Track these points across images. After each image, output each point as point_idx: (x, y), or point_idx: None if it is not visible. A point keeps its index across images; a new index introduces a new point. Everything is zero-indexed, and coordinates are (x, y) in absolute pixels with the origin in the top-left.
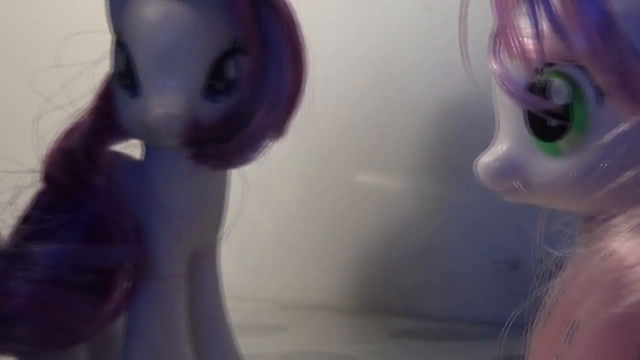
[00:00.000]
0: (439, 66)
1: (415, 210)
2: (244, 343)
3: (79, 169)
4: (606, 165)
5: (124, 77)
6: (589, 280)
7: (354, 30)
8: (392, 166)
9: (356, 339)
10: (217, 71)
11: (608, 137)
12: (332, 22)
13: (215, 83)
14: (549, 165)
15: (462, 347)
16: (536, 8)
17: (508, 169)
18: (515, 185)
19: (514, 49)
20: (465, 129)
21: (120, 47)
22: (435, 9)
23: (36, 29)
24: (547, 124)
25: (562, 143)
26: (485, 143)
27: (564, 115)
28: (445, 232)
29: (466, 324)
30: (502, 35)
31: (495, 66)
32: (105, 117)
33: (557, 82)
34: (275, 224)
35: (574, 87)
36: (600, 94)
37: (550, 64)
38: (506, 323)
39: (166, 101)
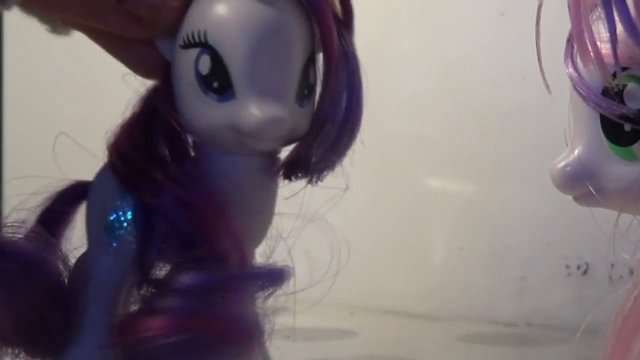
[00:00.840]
0: (511, 70)
1: (486, 214)
2: (314, 347)
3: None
4: None
5: (208, 80)
6: None
7: (426, 34)
8: (463, 170)
9: (425, 344)
10: (303, 76)
11: None
12: (404, 26)
13: (304, 88)
14: (622, 170)
15: (533, 353)
16: (612, 12)
17: (581, 174)
18: (589, 190)
19: (589, 54)
20: (538, 134)
21: (202, 49)
22: (508, 13)
23: None
24: (622, 129)
25: (636, 147)
26: (558, 148)
27: (639, 119)
28: (516, 237)
29: (537, 328)
30: (577, 40)
31: (570, 70)
32: (166, 115)
33: (632, 86)
34: (345, 228)
35: None
36: None
37: (625, 68)
38: (577, 328)
39: (269, 105)
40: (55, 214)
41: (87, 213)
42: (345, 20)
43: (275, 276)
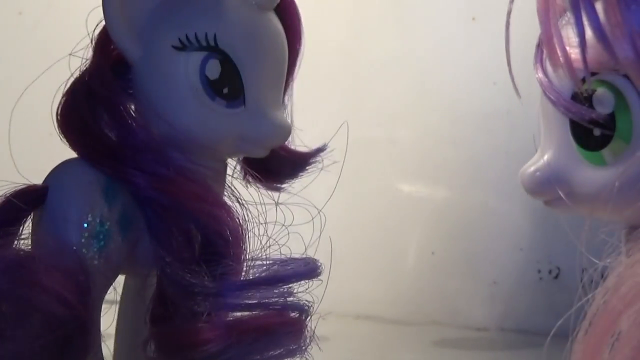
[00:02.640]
0: (482, 75)
1: (458, 219)
2: None
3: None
4: None
5: (217, 85)
6: (633, 289)
7: (397, 39)
8: (435, 175)
9: (398, 349)
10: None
11: None
12: (376, 31)
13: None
14: (592, 175)
15: (505, 357)
16: (581, 17)
17: (551, 179)
18: (559, 194)
19: (559, 58)
20: (510, 138)
21: (210, 53)
22: (479, 18)
23: None
24: (591, 134)
25: (605, 152)
26: (529, 153)
27: (608, 124)
28: (488, 242)
29: (509, 333)
30: (546, 45)
31: (540, 75)
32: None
33: (601, 91)
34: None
35: (618, 96)
36: None
37: (594, 73)
38: (549, 333)
39: (277, 114)
40: (7, 217)
41: (56, 218)
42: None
43: (311, 271)
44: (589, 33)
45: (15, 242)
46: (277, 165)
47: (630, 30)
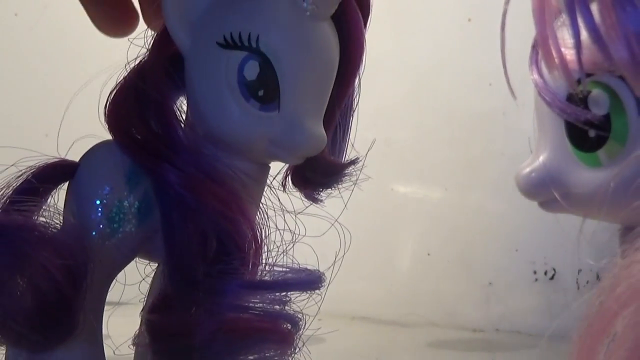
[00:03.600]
0: (478, 76)
1: (453, 220)
2: None
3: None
4: None
5: (253, 87)
6: (628, 290)
7: (394, 40)
8: (431, 176)
9: (393, 350)
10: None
11: None
12: (372, 32)
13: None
14: (587, 176)
15: (501, 358)
16: (576, 18)
17: (547, 180)
18: (554, 195)
19: (554, 60)
20: (505, 140)
21: (250, 54)
22: (475, 19)
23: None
24: (587, 135)
25: (601, 153)
26: (524, 154)
27: (603, 125)
28: (483, 243)
29: (505, 334)
30: (542, 46)
31: (535, 77)
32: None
33: (596, 93)
34: (313, 235)
35: (614, 97)
36: (639, 104)
37: (589, 74)
38: (545, 333)
39: (311, 123)
40: (29, 192)
41: (80, 196)
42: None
43: (313, 281)
44: (584, 34)
45: (37, 213)
46: (315, 175)
47: (626, 31)
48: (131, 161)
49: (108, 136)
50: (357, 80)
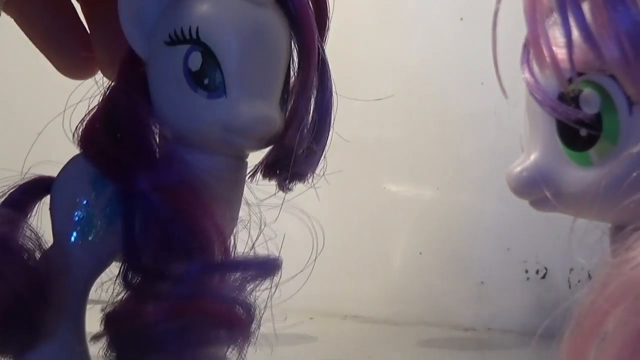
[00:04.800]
0: (470, 75)
1: (445, 219)
2: (274, 353)
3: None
4: (636, 174)
5: (198, 77)
6: (619, 289)
7: (385, 39)
8: (422, 175)
9: (385, 348)
10: (285, 81)
11: (638, 147)
12: (364, 30)
13: (284, 93)
14: (579, 175)
15: (492, 357)
16: (567, 17)
17: (538, 179)
18: (545, 195)
19: (545, 59)
20: (497, 138)
21: (193, 46)
22: (467, 18)
23: None
24: (578, 134)
25: (592, 152)
26: (516, 153)
27: (595, 124)
28: (475, 242)
29: (496, 333)
30: (533, 45)
31: (526, 75)
32: (140, 107)
33: (587, 92)
34: (304, 234)
35: (605, 96)
36: (630, 103)
37: (581, 74)
38: (536, 332)
39: (260, 105)
40: (14, 205)
41: (54, 207)
42: (320, 27)
43: (268, 265)
44: (575, 33)
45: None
46: (286, 166)
47: (617, 30)
48: (94, 169)
49: None
50: (314, 75)
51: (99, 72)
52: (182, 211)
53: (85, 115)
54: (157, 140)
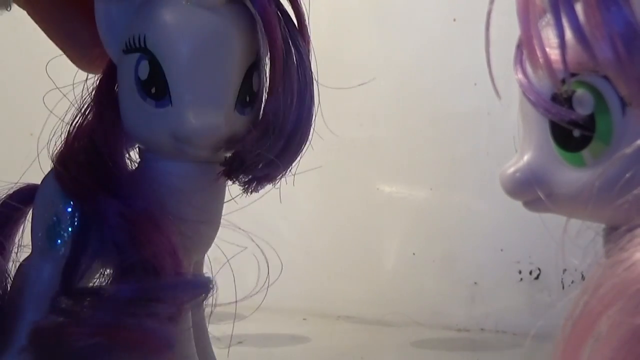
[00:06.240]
0: (463, 76)
1: (438, 220)
2: (267, 353)
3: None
4: (629, 175)
5: (146, 86)
6: (612, 290)
7: (378, 39)
8: (415, 176)
9: (378, 349)
10: (245, 83)
11: (631, 148)
12: (357, 31)
13: (245, 95)
14: (572, 176)
15: (486, 358)
16: (560, 18)
17: (531, 180)
18: (538, 195)
19: (538, 59)
20: (490, 139)
21: (142, 55)
22: (460, 19)
23: None
24: (571, 135)
25: (585, 153)
26: (509, 154)
27: (588, 125)
28: (468, 242)
29: (490, 334)
30: (526, 46)
31: (519, 76)
32: (113, 124)
33: (581, 92)
34: (297, 235)
35: (598, 97)
36: (624, 104)
37: (574, 74)
38: (529, 333)
39: (205, 112)
40: (2, 217)
41: (33, 217)
42: (300, 27)
43: (196, 286)
44: (568, 34)
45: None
46: (251, 169)
47: (610, 31)
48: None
49: None
50: (280, 75)
51: None
52: (135, 235)
53: (65, 134)
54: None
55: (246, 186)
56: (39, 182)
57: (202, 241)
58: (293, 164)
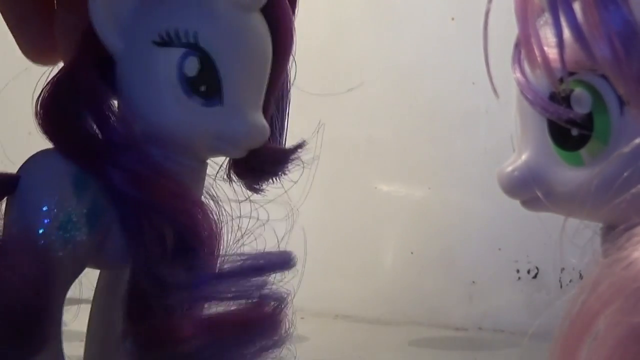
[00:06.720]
0: (461, 75)
1: (436, 219)
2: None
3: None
4: (627, 174)
5: (194, 83)
6: (610, 289)
7: (377, 39)
8: (414, 175)
9: (376, 348)
10: None
11: (629, 147)
12: (356, 30)
13: None
14: (570, 175)
15: (483, 357)
16: (559, 17)
17: (529, 179)
18: (536, 194)
19: (536, 58)
20: (488, 138)
21: (189, 50)
22: (458, 18)
23: None
24: (569, 134)
25: (583, 152)
26: (507, 152)
27: (586, 124)
28: (466, 241)
29: (487, 332)
30: (524, 45)
31: (518, 75)
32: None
33: (579, 91)
34: (295, 233)
35: (596, 96)
36: (622, 103)
37: (572, 73)
38: (527, 332)
39: (255, 115)
40: None
41: (26, 210)
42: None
43: (285, 262)
44: (566, 33)
45: None
46: (259, 164)
47: (608, 30)
48: (77, 167)
49: None
50: (288, 67)
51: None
52: (175, 206)
53: (40, 96)
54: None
55: (252, 184)
56: None
57: None
58: (290, 161)
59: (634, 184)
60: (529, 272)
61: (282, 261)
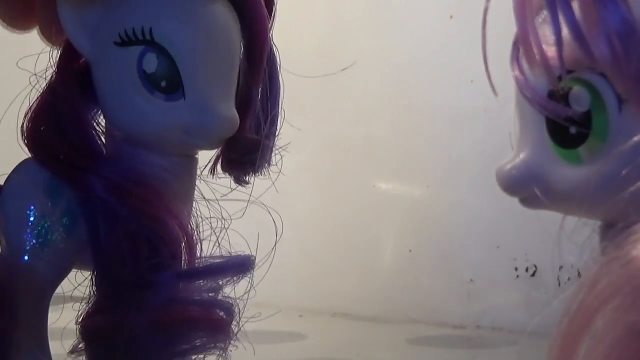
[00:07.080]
0: (460, 73)
1: (434, 217)
2: (263, 350)
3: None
4: (626, 172)
5: (154, 79)
6: (608, 287)
7: (375, 36)
8: (412, 173)
9: (374, 346)
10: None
11: (628, 145)
12: (354, 28)
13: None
14: (568, 173)
15: (482, 355)
16: (557, 15)
17: (527, 177)
18: (535, 192)
19: (535, 57)
20: (487, 136)
21: (147, 47)
22: (457, 16)
23: None
24: (567, 132)
25: (582, 150)
26: (506, 151)
27: (584, 122)
28: (464, 239)
29: (486, 330)
30: (523, 43)
31: (516, 73)
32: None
33: (577, 89)
34: (294, 231)
35: (595, 94)
36: (620, 101)
37: (570, 71)
38: (525, 330)
39: (220, 106)
40: None
41: (6, 218)
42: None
43: (242, 265)
44: (565, 31)
45: None
46: (237, 155)
47: (606, 28)
48: (50, 175)
49: None
50: (266, 56)
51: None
52: (143, 212)
53: (27, 112)
54: (103, 139)
55: (238, 177)
56: None
57: None
58: (273, 154)
59: (632, 182)
60: (527, 270)
61: (238, 265)
